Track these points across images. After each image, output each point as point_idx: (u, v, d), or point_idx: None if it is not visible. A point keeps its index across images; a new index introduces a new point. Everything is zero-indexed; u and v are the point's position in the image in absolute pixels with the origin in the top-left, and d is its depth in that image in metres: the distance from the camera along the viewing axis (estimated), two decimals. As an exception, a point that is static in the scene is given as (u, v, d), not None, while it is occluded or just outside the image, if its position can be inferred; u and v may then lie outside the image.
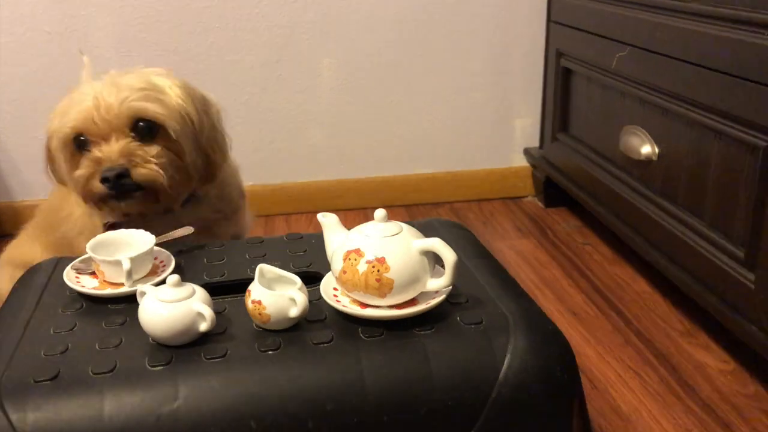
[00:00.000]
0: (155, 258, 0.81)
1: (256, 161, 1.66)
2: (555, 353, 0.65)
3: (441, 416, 0.61)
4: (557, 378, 0.64)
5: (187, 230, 0.90)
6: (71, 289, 0.75)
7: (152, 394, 0.59)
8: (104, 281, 0.76)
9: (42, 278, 0.80)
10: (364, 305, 0.67)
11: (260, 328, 0.66)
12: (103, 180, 0.87)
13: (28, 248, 1.10)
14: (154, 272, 0.78)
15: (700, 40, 1.04)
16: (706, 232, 1.08)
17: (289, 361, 0.62)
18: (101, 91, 0.89)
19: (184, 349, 0.63)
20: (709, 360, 1.08)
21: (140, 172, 0.88)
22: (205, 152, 0.96)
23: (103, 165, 0.88)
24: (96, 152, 0.88)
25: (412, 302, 0.67)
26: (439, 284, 0.67)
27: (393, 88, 1.65)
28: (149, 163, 0.89)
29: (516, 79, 1.70)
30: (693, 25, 1.06)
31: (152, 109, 0.89)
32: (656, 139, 1.21)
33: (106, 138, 0.89)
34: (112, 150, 0.88)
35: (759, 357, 1.00)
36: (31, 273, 0.83)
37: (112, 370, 0.61)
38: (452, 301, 0.70)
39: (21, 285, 0.80)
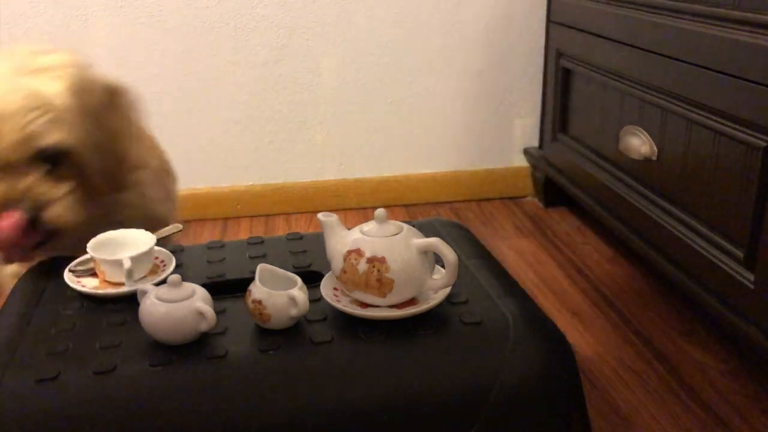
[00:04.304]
0: (155, 257, 0.81)
1: (256, 161, 1.66)
2: (555, 353, 0.66)
3: (441, 416, 0.61)
4: (557, 378, 0.64)
5: (176, 227, 0.90)
6: (72, 289, 0.75)
7: (153, 394, 0.59)
8: (105, 281, 0.76)
9: (42, 278, 0.80)
10: (365, 305, 0.67)
11: (260, 327, 0.67)
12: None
13: None
14: (154, 272, 0.79)
15: (700, 40, 1.04)
16: (706, 232, 1.08)
17: (289, 361, 0.62)
18: None
19: (185, 348, 0.63)
20: (709, 360, 1.09)
21: (53, 216, 0.75)
22: (112, 159, 0.81)
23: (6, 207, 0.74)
24: None
25: (412, 302, 0.67)
26: (439, 284, 0.67)
27: (393, 88, 1.66)
28: (60, 203, 0.76)
29: (516, 79, 1.70)
30: (693, 25, 1.06)
31: (54, 137, 0.76)
32: (656, 140, 1.21)
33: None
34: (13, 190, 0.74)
35: (758, 357, 1.00)
36: (31, 273, 0.83)
37: (112, 370, 0.61)
38: (452, 301, 0.70)
39: (21, 285, 0.80)
